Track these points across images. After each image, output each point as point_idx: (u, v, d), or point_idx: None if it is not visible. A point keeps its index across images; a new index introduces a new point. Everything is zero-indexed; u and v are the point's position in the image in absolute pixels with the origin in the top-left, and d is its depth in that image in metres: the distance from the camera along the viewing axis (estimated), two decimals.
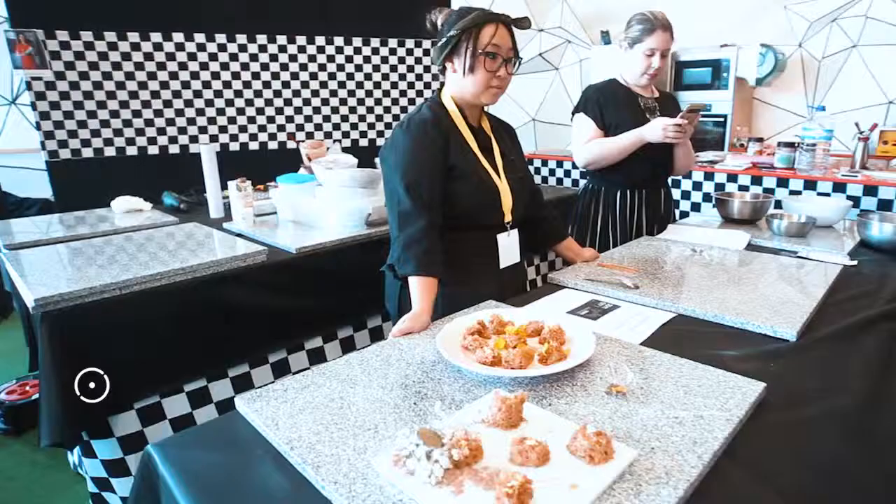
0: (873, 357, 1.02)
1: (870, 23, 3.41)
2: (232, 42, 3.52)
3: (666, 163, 2.02)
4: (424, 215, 1.27)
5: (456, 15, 1.30)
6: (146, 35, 3.30)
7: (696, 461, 0.70)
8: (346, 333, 1.98)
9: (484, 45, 1.26)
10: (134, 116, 3.37)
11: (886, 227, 1.69)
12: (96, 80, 3.23)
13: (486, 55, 1.26)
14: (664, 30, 1.85)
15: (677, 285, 1.37)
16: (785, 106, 3.86)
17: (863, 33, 3.46)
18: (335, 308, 1.90)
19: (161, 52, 3.36)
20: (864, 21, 3.43)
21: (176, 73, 3.42)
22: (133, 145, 3.40)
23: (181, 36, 3.39)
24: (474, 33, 1.26)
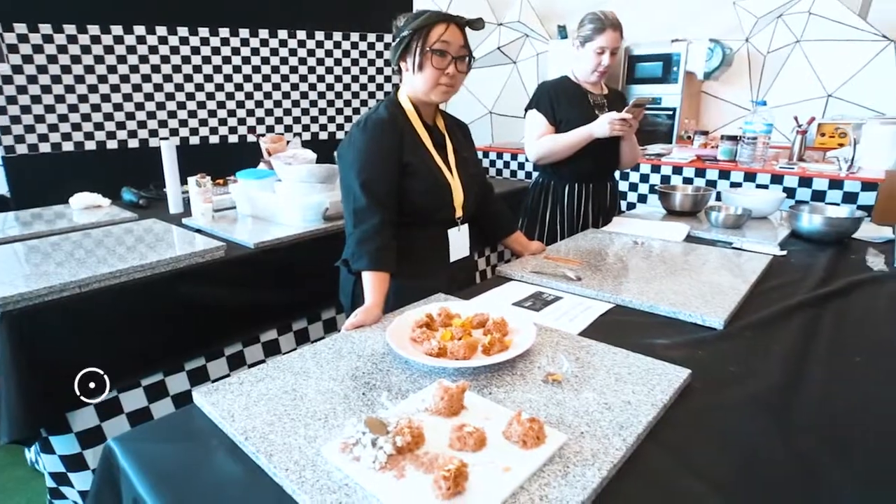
0: (793, 343, 1.08)
1: (813, 19, 3.53)
2: (194, 35, 3.43)
3: (612, 157, 2.07)
4: (378, 212, 1.29)
5: (412, 16, 1.32)
6: (106, 28, 3.19)
7: (620, 444, 0.74)
8: (301, 325, 2.00)
9: (432, 43, 1.28)
10: (93, 111, 3.26)
11: (815, 218, 1.78)
12: (55, 73, 3.12)
13: (433, 53, 1.29)
14: (614, 29, 1.90)
15: (617, 277, 1.42)
16: (732, 99, 3.97)
17: (806, 29, 3.58)
18: (291, 301, 1.91)
19: (121, 46, 3.26)
20: (808, 17, 3.54)
21: (136, 66, 3.32)
22: (92, 140, 3.29)
23: (142, 29, 3.29)
24: (424, 32, 1.29)
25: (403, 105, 1.40)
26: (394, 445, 0.71)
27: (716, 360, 1.02)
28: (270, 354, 1.89)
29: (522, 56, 4.34)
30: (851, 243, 1.78)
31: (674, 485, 0.69)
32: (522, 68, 4.35)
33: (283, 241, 1.85)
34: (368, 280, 1.25)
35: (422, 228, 1.42)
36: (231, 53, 3.53)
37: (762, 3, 3.64)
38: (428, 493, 0.64)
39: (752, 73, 3.85)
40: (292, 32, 3.69)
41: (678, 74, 3.74)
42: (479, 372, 0.94)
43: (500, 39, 4.22)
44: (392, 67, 1.41)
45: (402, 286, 1.32)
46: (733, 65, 3.83)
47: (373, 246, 1.27)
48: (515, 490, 0.66)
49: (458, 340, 0.99)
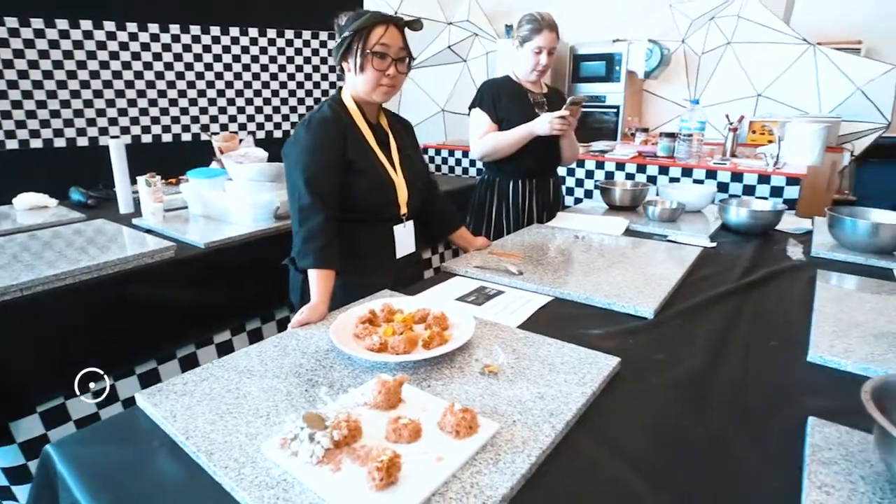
0: (715, 330, 1.13)
1: (741, 22, 3.66)
2: (143, 31, 3.29)
3: (553, 154, 2.11)
4: (323, 210, 1.28)
5: (352, 17, 1.31)
6: (51, 22, 3.02)
7: (549, 431, 0.76)
8: (255, 326, 1.96)
9: (372, 45, 1.29)
10: (38, 107, 3.09)
11: (742, 211, 1.85)
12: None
13: (374, 55, 1.29)
14: (550, 29, 1.93)
15: (557, 270, 1.45)
16: (671, 97, 4.09)
17: (735, 31, 3.71)
18: (244, 301, 1.87)
19: (68, 41, 3.09)
20: (737, 20, 3.68)
21: (84, 62, 3.16)
22: (38, 138, 3.12)
23: (89, 24, 3.13)
24: (364, 34, 1.28)
25: (347, 104, 1.40)
26: (331, 439, 0.71)
27: (645, 348, 1.05)
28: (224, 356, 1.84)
29: (472, 54, 4.35)
30: (775, 235, 1.86)
31: (600, 468, 0.71)
32: (473, 66, 4.37)
33: (234, 240, 1.81)
34: (314, 278, 1.25)
35: (367, 225, 1.42)
36: (182, 51, 3.41)
37: (696, 6, 3.76)
38: (363, 485, 0.65)
39: (688, 72, 3.98)
40: (244, 30, 3.59)
41: (620, 73, 3.82)
42: (419, 366, 0.95)
43: (451, 38, 4.22)
44: (335, 67, 1.40)
45: (349, 283, 1.32)
46: (671, 64, 3.95)
47: (318, 244, 1.26)
48: (448, 478, 0.67)
49: (400, 335, 0.99)
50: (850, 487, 0.64)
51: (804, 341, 1.05)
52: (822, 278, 1.39)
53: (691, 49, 3.92)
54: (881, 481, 0.65)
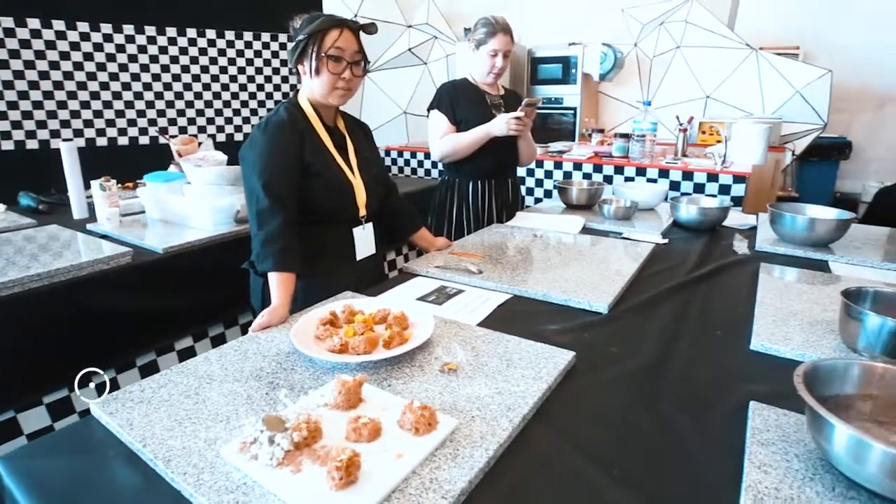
0: (666, 322, 1.17)
1: (689, 27, 3.79)
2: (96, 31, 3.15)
3: (511, 155, 2.14)
4: (281, 213, 1.27)
5: (307, 20, 1.30)
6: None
7: (507, 425, 0.77)
8: (218, 331, 1.92)
9: (327, 49, 1.28)
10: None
11: (692, 208, 1.92)
12: None
13: (329, 58, 1.29)
14: (505, 33, 1.95)
15: (516, 269, 1.47)
16: (625, 99, 4.20)
17: (684, 36, 3.84)
18: (205, 306, 1.83)
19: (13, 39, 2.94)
20: (685, 26, 3.81)
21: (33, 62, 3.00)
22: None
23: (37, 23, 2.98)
24: (319, 37, 1.28)
25: (303, 107, 1.39)
26: (291, 441, 0.70)
27: (599, 341, 1.08)
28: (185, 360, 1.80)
29: (433, 57, 4.37)
30: (722, 230, 1.94)
31: (556, 458, 0.73)
32: (433, 69, 4.38)
33: (193, 244, 1.77)
34: (274, 281, 1.23)
35: (327, 228, 1.41)
36: (137, 52, 3.28)
37: (646, 11, 3.87)
38: (323, 485, 0.64)
39: (641, 75, 4.09)
40: (201, 31, 3.49)
41: (576, 76, 3.90)
42: (380, 365, 0.95)
43: (411, 41, 4.22)
44: (290, 69, 1.38)
45: (311, 285, 1.31)
46: (625, 67, 4.06)
47: (277, 246, 1.25)
48: (407, 475, 0.67)
49: (360, 336, 0.99)
50: (786, 466, 0.68)
51: (747, 331, 1.09)
52: (765, 271, 1.45)
53: (643, 52, 4.04)
54: (813, 459, 0.69)
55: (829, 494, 0.63)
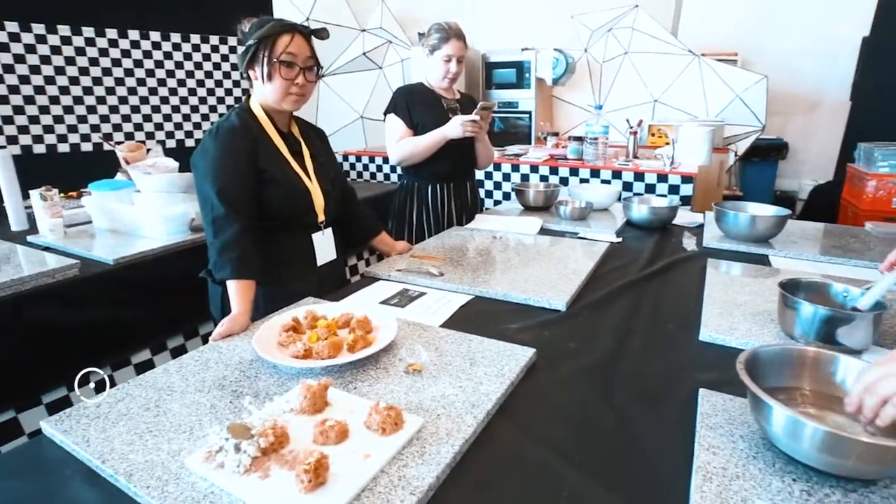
0: (620, 318, 1.22)
1: (636, 34, 3.96)
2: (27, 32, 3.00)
3: (469, 158, 2.18)
4: (237, 220, 1.26)
5: (256, 25, 1.30)
6: None
7: (472, 421, 0.80)
8: (177, 342, 1.87)
9: (279, 54, 1.28)
10: None
11: (643, 208, 2.01)
12: None
13: (281, 64, 1.29)
14: (458, 38, 2.00)
15: (476, 270, 1.50)
16: (578, 103, 4.34)
17: (631, 42, 4.00)
18: (163, 317, 1.79)
19: None
20: (632, 32, 3.97)
21: None
22: None
23: None
24: (270, 42, 1.28)
25: (256, 113, 1.38)
26: (257, 447, 0.71)
27: (558, 338, 1.12)
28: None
29: (388, 61, 4.39)
30: (672, 228, 2.03)
31: (520, 452, 0.76)
32: (389, 73, 4.40)
33: (146, 254, 1.73)
34: (233, 288, 1.22)
35: (286, 234, 1.41)
36: (75, 54, 3.13)
37: (595, 18, 4.02)
38: (292, 489, 0.65)
39: (592, 79, 4.24)
40: (144, 34, 3.37)
41: (530, 80, 4.01)
42: (345, 369, 0.96)
43: (365, 45, 4.22)
44: (241, 74, 1.37)
45: (272, 292, 1.30)
46: (576, 72, 4.19)
47: (235, 254, 1.24)
48: (376, 474, 0.68)
49: (324, 341, 1.00)
50: (732, 446, 0.73)
51: (696, 323, 1.16)
52: (712, 266, 1.54)
53: (593, 58, 4.18)
54: (756, 438, 0.75)
55: (769, 470, 0.69)
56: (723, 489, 0.65)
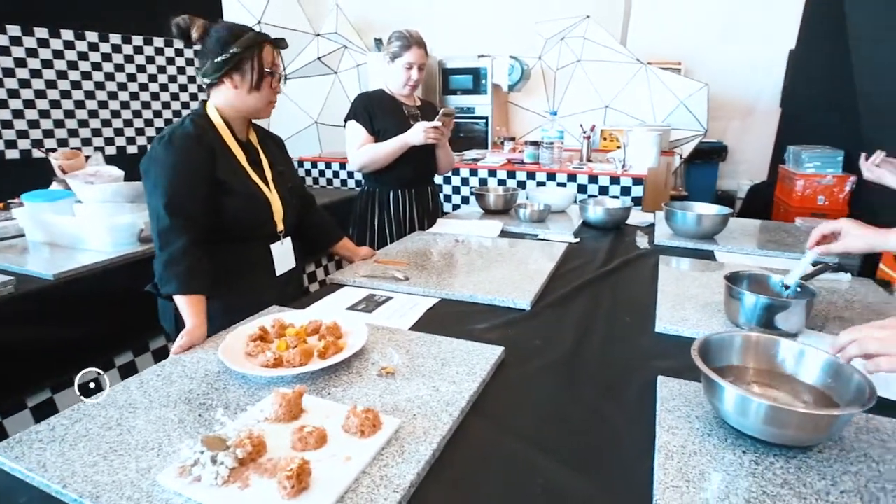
0: (582, 314, 1.28)
1: (587, 43, 4.11)
2: None
3: (430, 164, 2.22)
4: (185, 233, 1.24)
5: (231, 33, 1.29)
6: None
7: (447, 419, 0.83)
8: (126, 359, 1.81)
9: (269, 65, 1.32)
10: None
11: (598, 209, 2.10)
12: None
13: (271, 75, 1.33)
14: (419, 46, 2.04)
15: (441, 273, 1.54)
16: (533, 108, 4.46)
17: (583, 51, 4.15)
18: (110, 334, 1.73)
19: None
20: (584, 41, 4.12)
21: None
22: None
23: None
24: (257, 53, 1.30)
25: (213, 120, 1.36)
26: (235, 458, 0.71)
27: (524, 336, 1.17)
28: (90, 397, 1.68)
29: (343, 67, 4.38)
30: (626, 228, 2.13)
31: (495, 445, 0.80)
32: (344, 79, 4.39)
33: (90, 268, 1.67)
34: (182, 303, 1.20)
35: (244, 245, 1.40)
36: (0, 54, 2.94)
37: (549, 27, 4.15)
38: (275, 496, 0.66)
39: (546, 86, 4.37)
40: (80, 34, 3.21)
41: (487, 86, 4.09)
42: (317, 376, 0.97)
43: (320, 50, 4.20)
44: (205, 80, 1.35)
45: (231, 303, 1.28)
46: (531, 79, 4.31)
47: (180, 268, 1.21)
48: (357, 475, 0.70)
49: (294, 349, 1.01)
50: (689, 426, 0.79)
51: (652, 316, 1.24)
52: (664, 262, 1.63)
53: (547, 65, 4.31)
54: (709, 418, 0.81)
55: (722, 445, 0.75)
56: (683, 465, 0.71)
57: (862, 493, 0.66)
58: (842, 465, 0.72)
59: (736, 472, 0.70)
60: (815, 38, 4.08)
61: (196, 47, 1.32)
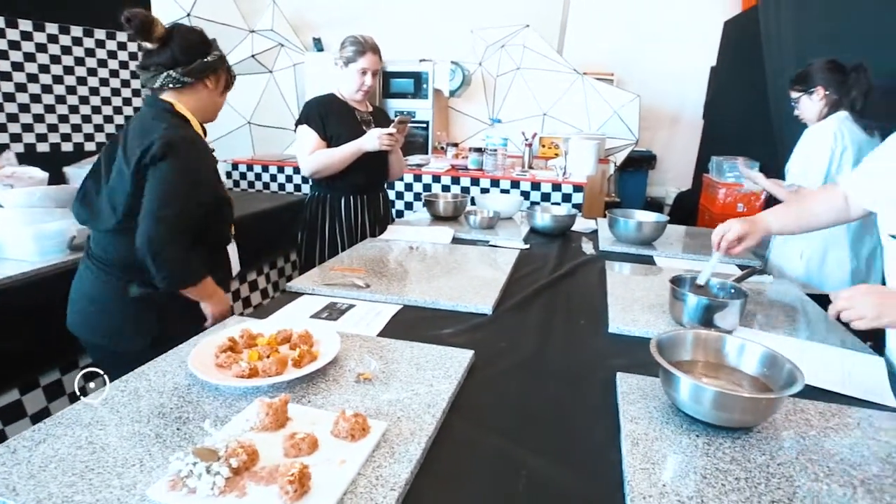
0: (541, 317, 1.39)
1: (526, 51, 4.30)
2: None
3: (382, 170, 2.27)
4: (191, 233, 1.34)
5: (204, 36, 1.39)
6: None
7: (431, 420, 0.89)
8: (52, 378, 1.74)
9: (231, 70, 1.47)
10: None
11: (545, 216, 2.23)
12: None
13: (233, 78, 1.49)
14: (374, 52, 2.08)
15: (401, 280, 1.60)
16: (473, 114, 4.60)
17: (522, 59, 4.34)
18: (34, 351, 1.65)
19: None
20: (523, 49, 4.31)
21: None
22: None
23: None
24: (226, 58, 1.46)
25: (191, 121, 1.40)
26: (230, 468, 0.73)
27: (490, 339, 1.25)
28: (12, 420, 1.59)
29: (279, 66, 4.33)
30: (571, 234, 2.28)
31: (478, 442, 0.87)
32: (280, 78, 4.34)
33: (13, 280, 1.60)
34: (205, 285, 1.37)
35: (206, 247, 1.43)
36: None
37: (490, 34, 4.31)
38: (275, 502, 0.69)
39: (486, 92, 4.52)
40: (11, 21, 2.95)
41: (428, 91, 4.18)
42: (294, 384, 1.00)
43: (254, 47, 4.13)
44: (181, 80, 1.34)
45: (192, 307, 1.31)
46: (472, 85, 4.45)
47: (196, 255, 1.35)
48: (354, 477, 0.75)
49: (268, 358, 1.03)
50: (649, 416, 0.91)
51: (604, 317, 1.36)
52: (610, 267, 1.78)
53: (488, 72, 4.47)
54: (666, 408, 0.93)
55: (679, 430, 0.87)
56: (647, 450, 0.82)
57: (793, 464, 0.80)
58: (777, 441, 0.85)
59: (692, 453, 0.82)
60: (733, 56, 4.50)
61: (148, 45, 1.30)
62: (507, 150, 3.45)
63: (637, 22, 4.87)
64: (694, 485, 0.75)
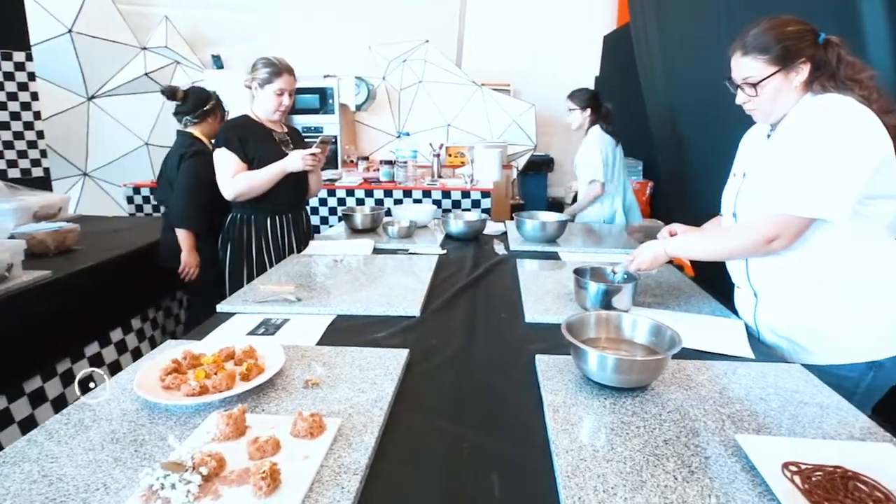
0: (465, 315, 1.53)
1: (427, 65, 4.48)
2: None
3: (303, 187, 2.32)
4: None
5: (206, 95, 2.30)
6: None
7: (379, 413, 0.99)
8: None
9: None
10: None
11: (459, 222, 2.39)
12: None
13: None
14: (289, 73, 2.13)
15: (331, 292, 1.67)
16: (380, 127, 4.71)
17: (424, 72, 4.51)
18: None
19: None
20: (424, 63, 4.48)
21: None
22: None
23: None
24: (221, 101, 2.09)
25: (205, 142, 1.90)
26: (201, 475, 0.79)
27: (421, 338, 1.37)
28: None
29: (176, 83, 4.18)
30: (483, 237, 2.45)
31: (423, 426, 0.98)
32: None
33: None
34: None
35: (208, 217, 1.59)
36: None
37: (391, 49, 4.45)
38: (250, 500, 0.76)
39: (391, 106, 4.65)
40: None
41: (334, 106, 4.24)
42: (245, 397, 1.06)
43: (147, 65, 3.97)
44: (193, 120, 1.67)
45: None
46: (377, 98, 4.56)
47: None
48: (318, 469, 0.84)
49: (216, 375, 1.08)
50: (565, 388, 1.07)
51: (521, 309, 1.53)
52: (520, 265, 1.96)
53: (391, 86, 4.60)
54: (578, 379, 1.10)
55: (591, 396, 1.04)
56: (566, 414, 0.98)
57: (679, 410, 0.99)
58: (666, 395, 1.04)
59: (602, 412, 0.99)
60: (612, 67, 4.97)
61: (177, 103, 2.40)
62: (417, 161, 3.59)
63: (528, 36, 5.23)
64: (605, 437, 0.92)
